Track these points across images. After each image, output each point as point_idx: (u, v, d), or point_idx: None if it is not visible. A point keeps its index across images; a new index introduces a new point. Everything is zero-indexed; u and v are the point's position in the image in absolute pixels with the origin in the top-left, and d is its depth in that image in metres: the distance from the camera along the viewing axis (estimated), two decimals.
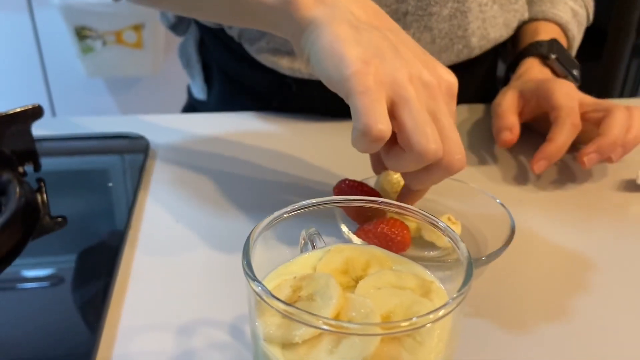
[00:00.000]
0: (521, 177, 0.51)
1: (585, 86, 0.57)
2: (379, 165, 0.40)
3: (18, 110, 0.45)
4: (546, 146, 0.48)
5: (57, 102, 1.45)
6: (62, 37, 1.36)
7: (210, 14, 0.45)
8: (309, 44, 0.34)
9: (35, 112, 0.45)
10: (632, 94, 1.60)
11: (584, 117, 0.50)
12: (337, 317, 0.21)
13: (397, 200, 0.36)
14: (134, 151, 0.51)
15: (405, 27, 0.54)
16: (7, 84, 1.42)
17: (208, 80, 0.69)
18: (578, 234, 0.43)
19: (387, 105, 0.32)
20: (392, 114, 0.32)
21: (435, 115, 0.33)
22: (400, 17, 0.54)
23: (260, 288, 0.21)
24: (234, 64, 0.63)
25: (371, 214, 0.31)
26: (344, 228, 0.33)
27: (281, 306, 0.20)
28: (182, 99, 0.75)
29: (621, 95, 1.68)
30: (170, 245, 0.40)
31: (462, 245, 0.24)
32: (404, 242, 0.32)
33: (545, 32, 0.60)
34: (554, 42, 0.59)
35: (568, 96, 0.50)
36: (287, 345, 0.21)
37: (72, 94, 1.45)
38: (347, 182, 0.39)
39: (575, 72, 0.58)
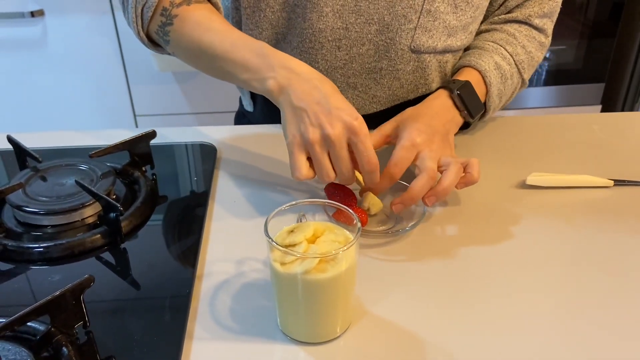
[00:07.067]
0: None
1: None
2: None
3: (143, 133, 0.75)
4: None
5: (133, 91, 1.78)
6: None
7: (221, 79, 0.70)
8: (281, 113, 0.63)
9: (152, 134, 0.75)
10: None
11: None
12: (304, 252, 0.50)
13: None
14: (208, 154, 0.81)
15: (381, 77, 0.81)
16: (94, 78, 1.75)
17: (253, 97, 0.97)
18: (477, 221, 0.68)
19: (307, 156, 0.61)
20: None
21: (334, 154, 0.60)
22: (377, 71, 0.80)
23: (271, 240, 0.50)
24: None
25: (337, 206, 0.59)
26: (326, 213, 0.61)
27: (280, 247, 0.49)
28: (230, 88, 1.00)
29: (634, 69, 1.86)
30: (230, 214, 0.70)
31: (359, 224, 0.51)
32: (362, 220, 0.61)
33: (466, 76, 0.76)
34: (466, 83, 0.74)
35: (404, 148, 0.66)
36: (282, 263, 0.50)
37: (146, 84, 1.77)
38: (332, 184, 0.67)
39: (473, 111, 0.74)
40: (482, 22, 0.85)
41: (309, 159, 0.63)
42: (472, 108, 0.74)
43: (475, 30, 0.84)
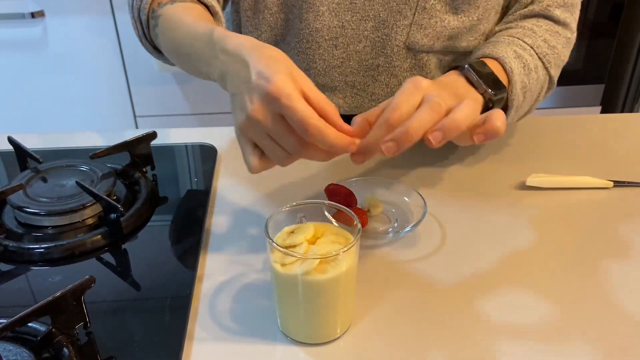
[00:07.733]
0: (440, 177, 0.74)
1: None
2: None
3: (143, 134, 0.75)
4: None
5: (134, 92, 1.78)
6: None
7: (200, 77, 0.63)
8: None
9: (153, 135, 0.75)
10: None
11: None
12: (304, 253, 0.50)
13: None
14: (208, 155, 0.81)
15: (379, 74, 0.81)
16: (94, 78, 1.75)
17: None
18: (477, 221, 0.68)
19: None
20: None
21: (270, 133, 0.51)
22: (375, 68, 0.81)
23: (271, 240, 0.50)
24: None
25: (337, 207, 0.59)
26: (327, 214, 0.61)
27: (280, 248, 0.49)
28: None
29: (633, 70, 1.86)
30: (230, 215, 0.70)
31: (359, 225, 0.51)
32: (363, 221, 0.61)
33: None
34: (478, 61, 0.66)
35: (406, 90, 0.54)
36: (282, 264, 0.50)
37: (146, 85, 1.77)
38: (332, 185, 0.68)
39: (491, 85, 0.63)
40: (497, 23, 0.81)
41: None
42: (489, 82, 0.63)
43: (487, 31, 0.80)
